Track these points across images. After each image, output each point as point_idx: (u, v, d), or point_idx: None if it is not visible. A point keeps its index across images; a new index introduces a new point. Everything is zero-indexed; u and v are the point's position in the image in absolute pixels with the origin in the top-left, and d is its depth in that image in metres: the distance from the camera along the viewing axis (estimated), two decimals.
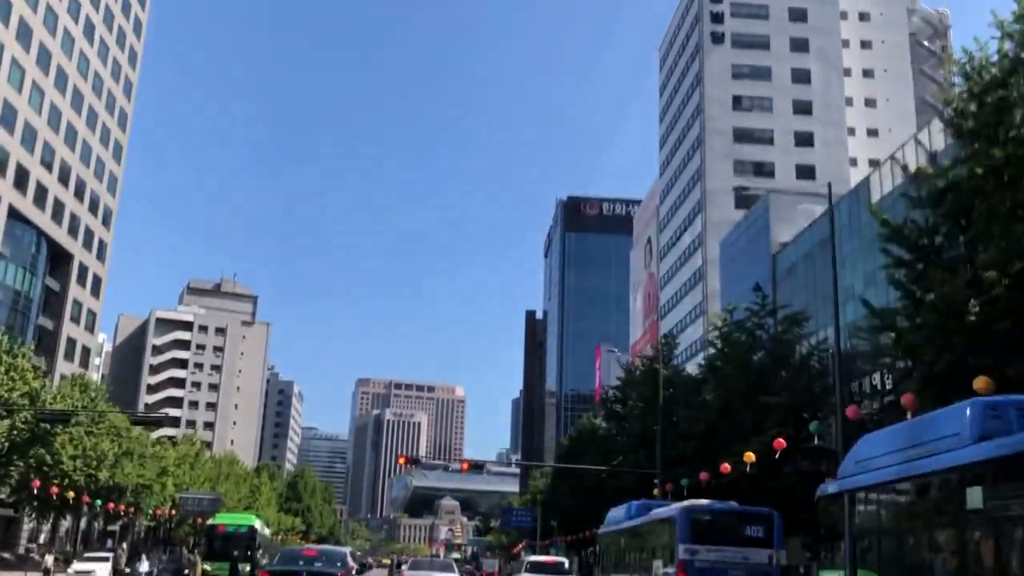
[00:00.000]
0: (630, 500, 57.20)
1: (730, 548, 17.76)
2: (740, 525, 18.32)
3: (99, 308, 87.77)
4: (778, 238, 52.19)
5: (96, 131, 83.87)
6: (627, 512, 23.84)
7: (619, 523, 23.97)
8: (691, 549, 17.55)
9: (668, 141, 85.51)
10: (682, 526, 17.98)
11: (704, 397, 44.26)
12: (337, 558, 16.67)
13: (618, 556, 23.45)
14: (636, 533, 21.66)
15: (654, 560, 19.37)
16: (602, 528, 25.95)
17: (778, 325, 41.12)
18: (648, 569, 19.52)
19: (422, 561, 27.65)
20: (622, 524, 23.40)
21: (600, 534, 25.62)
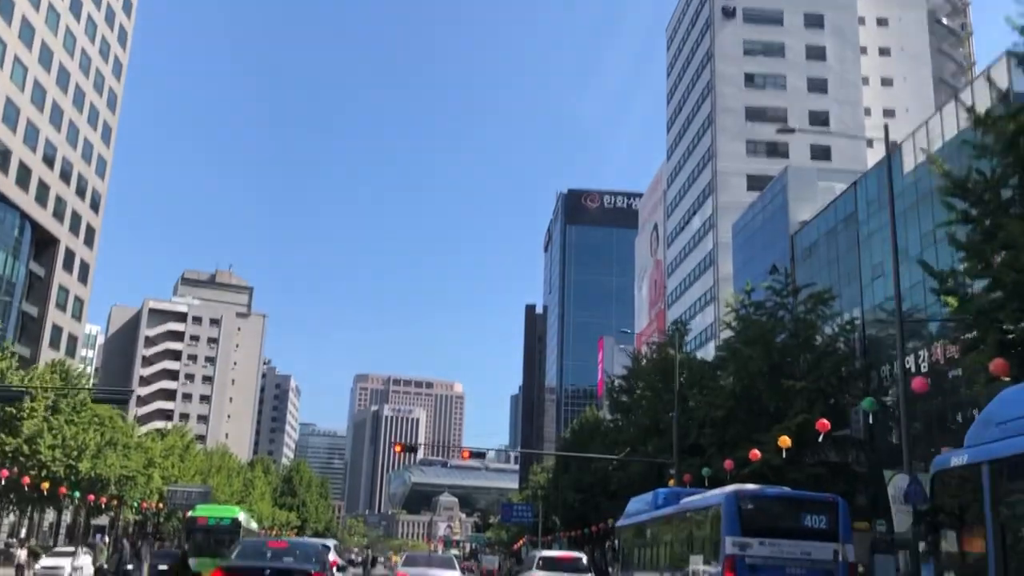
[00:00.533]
0: (639, 493, 55.06)
1: (787, 541, 14.75)
2: (799, 513, 15.32)
3: (87, 295, 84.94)
4: (797, 217, 49.40)
5: (84, 111, 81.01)
6: (653, 501, 20.92)
7: (644, 513, 21.11)
8: (740, 542, 14.55)
9: (676, 123, 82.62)
10: (729, 515, 14.99)
11: (721, 383, 41.55)
12: (312, 553, 13.37)
13: (643, 551, 20.56)
14: (668, 524, 18.75)
15: (691, 555, 16.45)
16: (622, 520, 23.07)
17: (801, 305, 38.37)
18: (682, 566, 16.71)
19: (419, 556, 24.15)
20: (648, 514, 20.52)
21: (620, 527, 22.70)
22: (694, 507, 17.05)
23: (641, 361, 60.80)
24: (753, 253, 54.91)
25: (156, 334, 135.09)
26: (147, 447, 63.07)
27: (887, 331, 38.72)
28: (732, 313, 42.59)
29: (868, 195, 40.71)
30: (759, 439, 35.94)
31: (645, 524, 20.76)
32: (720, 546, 14.74)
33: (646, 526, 20.66)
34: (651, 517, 20.31)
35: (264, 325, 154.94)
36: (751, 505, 15.34)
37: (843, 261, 43.01)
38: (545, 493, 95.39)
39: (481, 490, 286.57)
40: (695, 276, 72.27)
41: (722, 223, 65.15)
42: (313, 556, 12.98)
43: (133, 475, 57.62)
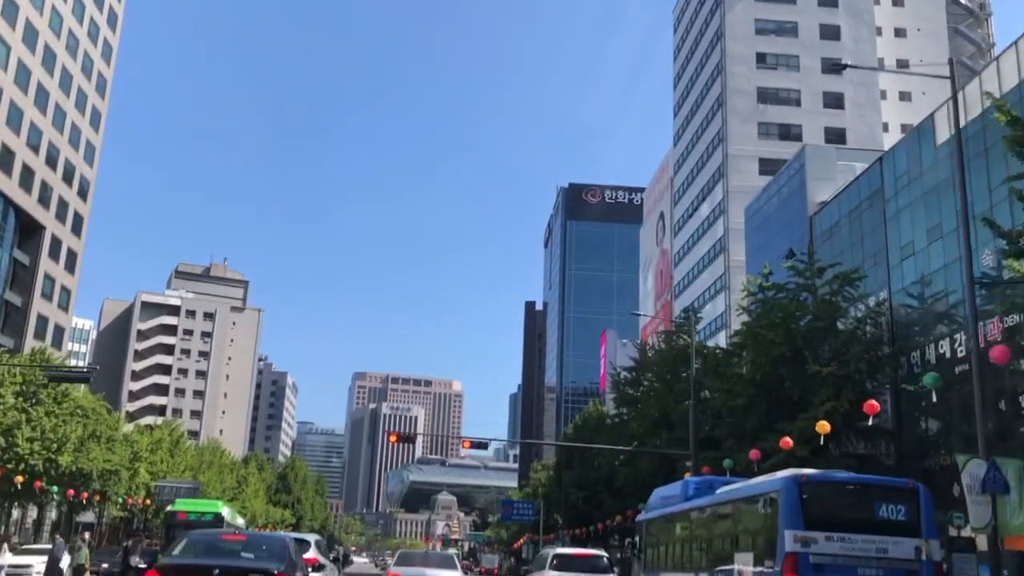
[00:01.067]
0: (648, 489, 52.44)
1: (860, 536, 12.09)
2: (874, 502, 12.66)
3: (74, 285, 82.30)
4: (815, 198, 46.83)
5: (71, 95, 78.37)
6: (682, 492, 18.26)
7: (671, 506, 18.45)
8: (803, 537, 11.82)
9: (683, 107, 79.94)
10: (790, 503, 12.28)
11: (737, 371, 39.03)
12: (276, 548, 10.84)
13: (671, 548, 17.85)
14: (704, 517, 16.05)
15: (737, 552, 13.90)
16: (645, 514, 20.32)
17: (825, 286, 35.83)
18: (723, 565, 14.08)
19: (414, 554, 21.29)
20: (678, 507, 17.83)
21: (644, 521, 19.96)
22: (741, 496, 14.29)
23: (648, 352, 58.38)
24: (767, 238, 52.36)
25: (149, 328, 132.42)
26: (133, 440, 60.41)
27: (917, 314, 36.19)
28: (749, 297, 40.14)
29: (896, 170, 38.13)
30: (783, 429, 33.44)
31: (674, 518, 18.13)
32: (778, 542, 12.05)
33: (675, 520, 18.04)
34: (681, 510, 17.66)
35: (260, 319, 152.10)
36: (816, 492, 12.54)
37: (868, 241, 40.44)
38: (546, 491, 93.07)
39: (480, 489, 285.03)
40: (704, 264, 69.66)
41: (733, 208, 62.60)
42: (277, 552, 10.45)
43: (117, 469, 54.96)
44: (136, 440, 60.66)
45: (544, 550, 20.75)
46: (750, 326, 35.34)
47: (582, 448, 75.19)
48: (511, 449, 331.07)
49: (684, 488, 18.31)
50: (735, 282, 61.31)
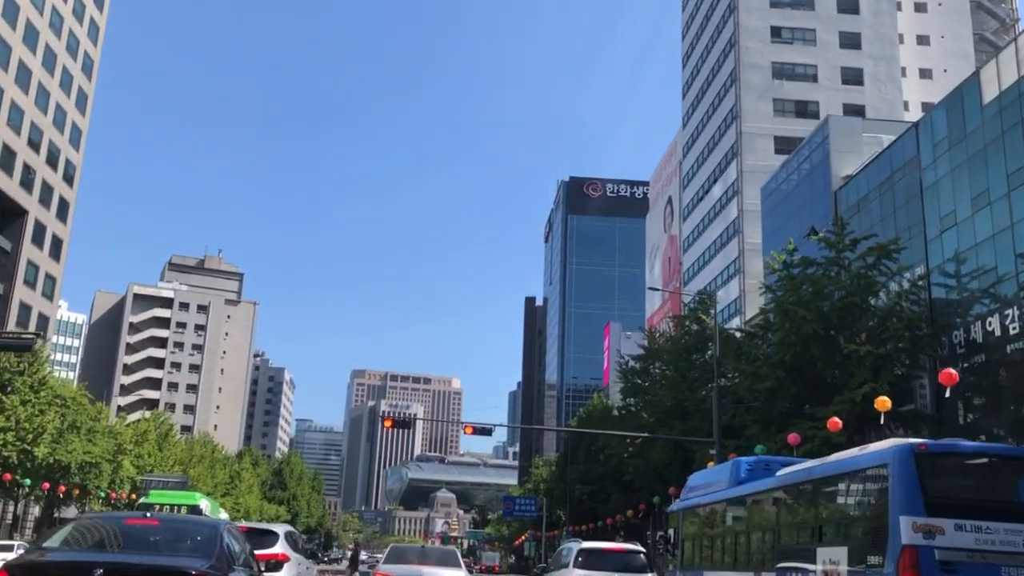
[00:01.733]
0: (660, 482, 49.67)
1: (1002, 525, 9.13)
2: (1018, 481, 9.76)
3: (60, 273, 79.25)
4: (840, 172, 43.88)
5: (55, 75, 75.30)
6: (732, 474, 15.07)
7: (719, 491, 15.29)
8: (926, 525, 8.89)
9: (693, 86, 76.83)
10: (906, 481, 9.21)
11: (760, 354, 36.11)
12: (200, 538, 7.57)
13: (723, 542, 14.73)
14: (773, 502, 12.89)
15: (822, 547, 10.92)
16: (682, 502, 17.13)
17: (859, 260, 32.91)
18: (799, 563, 11.04)
19: (408, 549, 18.10)
20: (729, 492, 14.67)
21: (681, 510, 16.79)
22: (828, 473, 11.03)
23: (658, 339, 55.56)
24: (786, 217, 49.41)
25: (141, 321, 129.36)
26: (117, 432, 57.48)
27: (959, 290, 33.25)
28: (773, 274, 37.29)
29: (935, 135, 35.18)
30: (815, 414, 30.54)
31: (723, 505, 15.08)
32: (889, 532, 9.02)
33: (726, 508, 14.99)
34: (735, 495, 14.54)
35: (255, 312, 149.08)
36: (940, 466, 9.45)
37: (901, 214, 37.46)
38: (548, 487, 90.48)
39: (479, 486, 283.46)
40: (717, 248, 66.66)
41: (748, 189, 59.66)
42: (203, 544, 7.34)
43: (98, 462, 52.06)
44: (120, 432, 57.66)
45: (567, 544, 17.24)
46: (779, 302, 32.36)
47: (587, 441, 72.48)
48: (511, 446, 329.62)
49: (734, 470, 15.21)
50: (750, 266, 58.44)
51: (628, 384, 56.18)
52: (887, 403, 22.55)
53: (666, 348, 51.65)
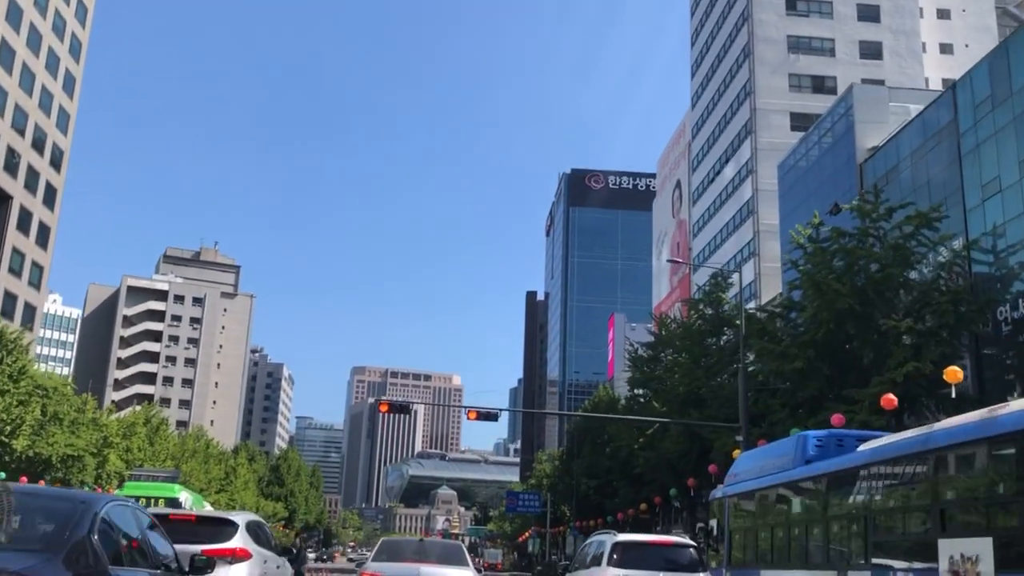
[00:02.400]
0: (673, 474, 47.11)
1: None
2: None
3: (47, 262, 76.69)
4: (865, 143, 41.23)
5: (40, 55, 72.70)
6: (797, 451, 12.21)
7: (784, 472, 12.49)
8: None
9: (703, 64, 74.02)
10: None
11: (786, 333, 33.52)
12: (52, 527, 4.76)
13: (789, 535, 12.01)
14: (866, 481, 10.17)
15: (946, 538, 8.38)
16: (731, 487, 14.37)
17: (896, 229, 30.29)
18: (914, 561, 8.37)
19: (403, 544, 15.61)
20: (800, 471, 11.96)
21: (730, 497, 14.05)
22: (967, 438, 8.26)
23: (670, 325, 52.97)
24: (805, 195, 46.79)
25: (135, 313, 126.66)
26: (103, 424, 54.84)
27: (1001, 263, 30.63)
28: (797, 250, 34.68)
29: (975, 96, 32.50)
30: (852, 396, 27.91)
31: (788, 489, 12.33)
32: None
33: (791, 492, 12.26)
34: (806, 476, 11.76)
35: (252, 306, 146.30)
36: None
37: (936, 184, 34.83)
38: (552, 482, 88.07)
39: (480, 483, 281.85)
40: (730, 230, 63.99)
41: (763, 167, 57.03)
42: (54, 533, 4.70)
43: (81, 455, 49.39)
44: (106, 424, 55.02)
45: (596, 537, 14.35)
46: (811, 275, 29.72)
47: (593, 434, 70.04)
48: (512, 443, 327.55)
49: (799, 447, 12.43)
50: (766, 248, 55.83)
51: (638, 372, 53.55)
52: (958, 374, 19.95)
53: (678, 334, 49.12)
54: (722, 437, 37.35)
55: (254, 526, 11.36)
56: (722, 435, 37.62)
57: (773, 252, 52.74)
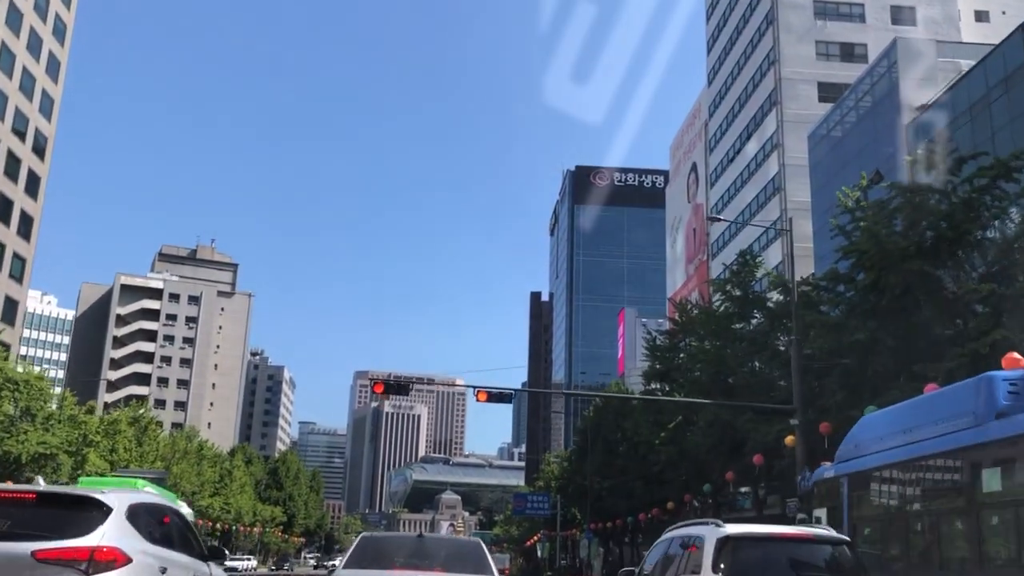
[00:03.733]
0: (696, 471, 43.24)
1: None
2: None
3: (30, 254, 72.94)
4: (912, 102, 37.29)
5: (21, 36, 68.99)
6: (982, 402, 8.20)
7: (956, 434, 8.30)
8: None
9: (720, 36, 69.91)
10: None
11: (841, 303, 29.63)
12: None
13: (970, 526, 7.97)
14: None
15: None
16: (856, 460, 10.30)
17: (967, 184, 26.37)
18: None
19: (394, 542, 10.95)
20: (994, 431, 7.94)
21: (856, 474, 10.06)
22: None
23: (691, 312, 49.04)
24: (840, 165, 42.85)
25: (129, 313, 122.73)
26: (81, 420, 51.01)
27: None
28: (845, 214, 30.79)
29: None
30: (925, 372, 23.94)
31: (971, 457, 8.29)
32: None
33: (978, 460, 8.19)
34: (1006, 435, 7.81)
35: (250, 305, 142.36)
36: None
37: (1002, 138, 30.93)
38: (560, 484, 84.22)
39: (485, 487, 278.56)
40: (753, 210, 59.91)
41: (790, 140, 53.15)
42: None
43: (54, 453, 45.51)
44: (85, 421, 51.18)
45: (684, 533, 9.20)
46: (872, 231, 25.78)
47: (605, 431, 66.29)
48: (516, 447, 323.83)
49: (985, 394, 8.44)
50: (796, 227, 51.81)
51: (657, 361, 49.55)
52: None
53: (701, 320, 45.19)
54: (759, 427, 33.59)
55: (144, 512, 7.16)
56: (759, 425, 33.85)
57: (803, 231, 48.91)
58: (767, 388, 36.14)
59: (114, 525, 6.58)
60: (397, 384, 24.16)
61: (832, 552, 7.26)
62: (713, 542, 7.22)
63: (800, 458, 23.97)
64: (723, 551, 7.12)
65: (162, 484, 48.94)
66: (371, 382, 24.05)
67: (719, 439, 37.94)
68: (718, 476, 40.16)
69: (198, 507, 71.87)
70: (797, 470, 23.97)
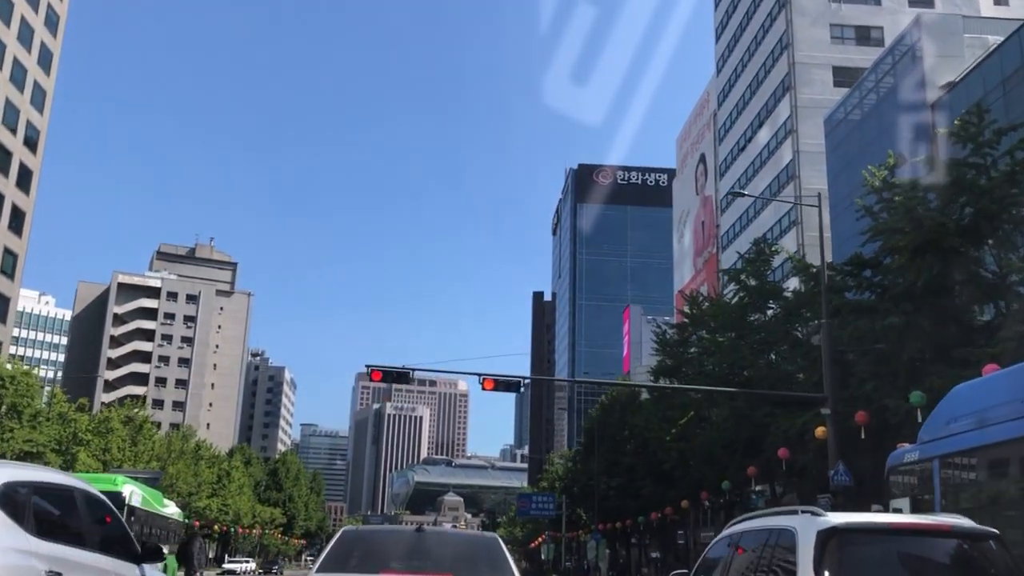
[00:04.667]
0: (712, 466, 41.45)
1: None
2: None
3: (22, 249, 71.25)
4: (937, 80, 35.48)
5: (12, 24, 67.35)
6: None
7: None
8: None
9: (729, 25, 68.06)
10: None
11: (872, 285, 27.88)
12: None
13: None
14: None
15: None
16: (952, 439, 8.59)
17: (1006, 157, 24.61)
18: None
19: (385, 539, 8.08)
20: None
21: (951, 454, 8.42)
22: None
23: (702, 304, 47.25)
24: (860, 149, 41.00)
25: (126, 312, 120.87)
26: (71, 418, 49.31)
27: None
28: (871, 194, 29.06)
29: None
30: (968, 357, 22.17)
31: None
32: None
33: None
34: None
35: (250, 304, 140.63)
36: None
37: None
38: (565, 484, 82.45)
39: (487, 489, 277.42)
40: (764, 201, 58.08)
41: (804, 126, 51.32)
42: None
43: (41, 452, 43.79)
44: (74, 419, 49.45)
45: (760, 522, 6.82)
46: (907, 206, 24.01)
47: (612, 430, 64.60)
48: (519, 448, 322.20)
49: None
50: (809, 216, 50.03)
51: (668, 358, 47.68)
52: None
53: (713, 312, 43.38)
54: (778, 420, 31.85)
55: (29, 495, 5.06)
56: (778, 418, 32.13)
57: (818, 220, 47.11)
58: (785, 381, 34.44)
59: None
60: (397, 372, 22.42)
61: (973, 548, 5.31)
62: (813, 536, 5.22)
63: (832, 450, 22.18)
64: (828, 548, 5.14)
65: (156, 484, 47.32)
66: (368, 369, 22.30)
67: (736, 434, 36.18)
68: (734, 473, 38.40)
69: (195, 508, 70.16)
70: (830, 464, 22.18)
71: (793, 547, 5.41)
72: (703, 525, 58.20)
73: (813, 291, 31.46)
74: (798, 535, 5.44)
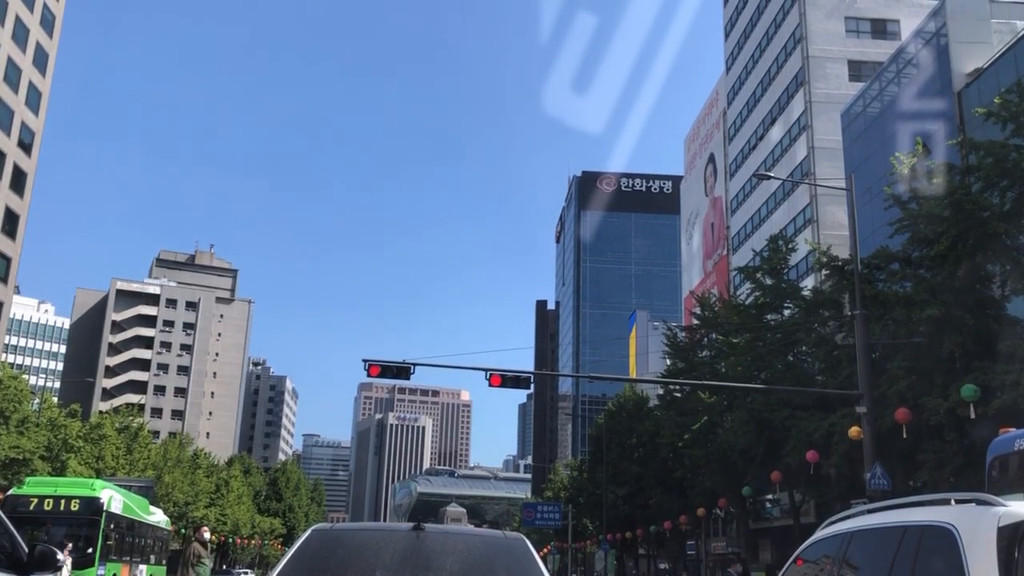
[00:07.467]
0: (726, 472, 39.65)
1: None
2: None
3: (16, 253, 69.66)
4: (964, 67, 33.88)
5: (6, 25, 66.02)
6: None
7: None
8: None
9: (739, 21, 66.49)
10: None
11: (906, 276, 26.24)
12: None
13: None
14: None
15: None
16: None
17: None
18: None
19: (370, 539, 5.46)
20: None
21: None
22: None
23: (714, 306, 45.66)
24: (880, 143, 39.39)
25: (125, 319, 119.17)
26: (60, 424, 47.60)
27: None
28: (899, 183, 27.51)
29: None
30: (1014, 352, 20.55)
31: None
32: None
33: None
34: None
35: (250, 311, 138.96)
36: None
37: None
38: (570, 493, 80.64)
39: (490, 500, 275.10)
40: (779, 199, 56.35)
41: (819, 122, 49.74)
42: None
43: (28, 458, 42.06)
44: (65, 425, 47.76)
45: (894, 516, 4.67)
46: (948, 189, 22.38)
47: (620, 438, 62.95)
48: (522, 459, 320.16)
49: None
50: (825, 214, 48.46)
51: (679, 361, 46.00)
52: None
53: (727, 312, 41.75)
54: (800, 423, 30.20)
55: None
56: (800, 420, 30.47)
57: (835, 218, 45.50)
58: (806, 383, 32.81)
59: None
60: (396, 368, 20.82)
61: None
62: (988, 535, 3.50)
63: (869, 452, 20.47)
64: (1013, 545, 3.41)
65: (148, 493, 45.49)
66: (366, 363, 20.67)
67: (755, 439, 34.44)
68: (752, 479, 36.70)
69: (192, 518, 68.47)
70: (866, 466, 20.47)
71: (949, 551, 3.66)
72: (713, 535, 56.43)
73: (837, 285, 29.81)
74: (959, 534, 3.70)
